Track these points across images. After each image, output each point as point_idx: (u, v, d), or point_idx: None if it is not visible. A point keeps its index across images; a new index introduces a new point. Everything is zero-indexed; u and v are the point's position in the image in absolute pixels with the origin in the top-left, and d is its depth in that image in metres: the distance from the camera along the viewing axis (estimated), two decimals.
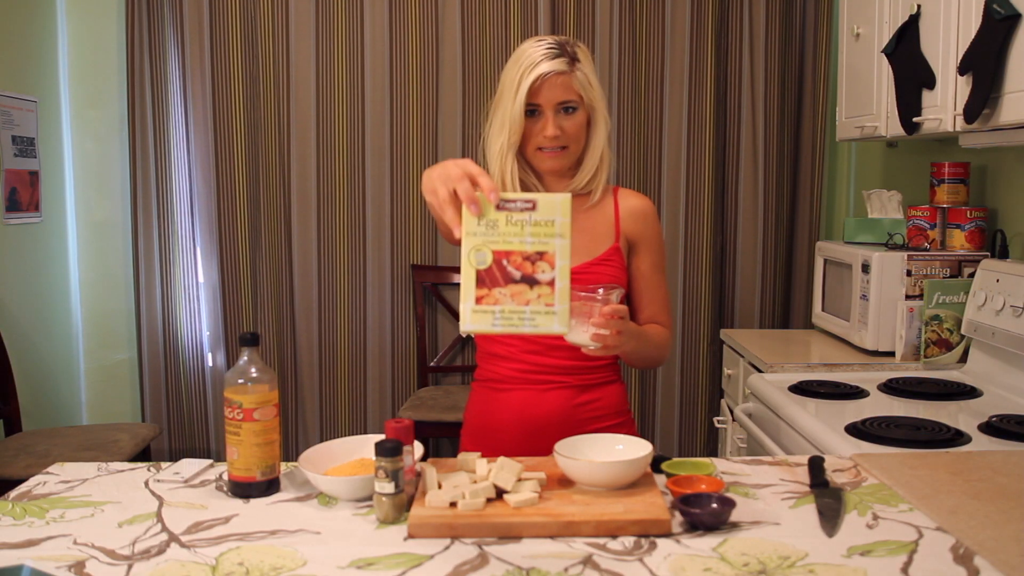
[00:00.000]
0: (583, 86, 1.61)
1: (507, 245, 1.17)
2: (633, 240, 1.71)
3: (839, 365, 2.49)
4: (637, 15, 3.46)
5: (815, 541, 1.19)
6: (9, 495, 1.40)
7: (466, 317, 1.19)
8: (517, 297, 1.16)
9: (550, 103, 1.59)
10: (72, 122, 3.60)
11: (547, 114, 1.60)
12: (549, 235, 1.17)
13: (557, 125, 1.60)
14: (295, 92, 3.48)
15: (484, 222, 1.18)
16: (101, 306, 3.66)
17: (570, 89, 1.60)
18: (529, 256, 1.17)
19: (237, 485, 1.38)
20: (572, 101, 1.61)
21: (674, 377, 3.61)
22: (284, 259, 3.55)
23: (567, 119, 1.61)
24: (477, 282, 1.19)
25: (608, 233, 1.70)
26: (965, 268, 2.47)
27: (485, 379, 1.73)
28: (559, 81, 1.58)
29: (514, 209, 1.17)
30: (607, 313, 1.43)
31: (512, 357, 1.68)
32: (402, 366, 3.61)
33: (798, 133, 3.56)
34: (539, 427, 1.65)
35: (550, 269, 1.17)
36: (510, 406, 1.68)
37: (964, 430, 1.81)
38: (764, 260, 3.56)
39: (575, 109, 1.61)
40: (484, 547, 1.18)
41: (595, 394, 1.69)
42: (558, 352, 1.65)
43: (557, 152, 1.63)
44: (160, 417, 3.58)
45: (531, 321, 1.17)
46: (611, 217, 1.71)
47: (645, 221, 1.73)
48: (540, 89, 1.58)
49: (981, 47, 1.98)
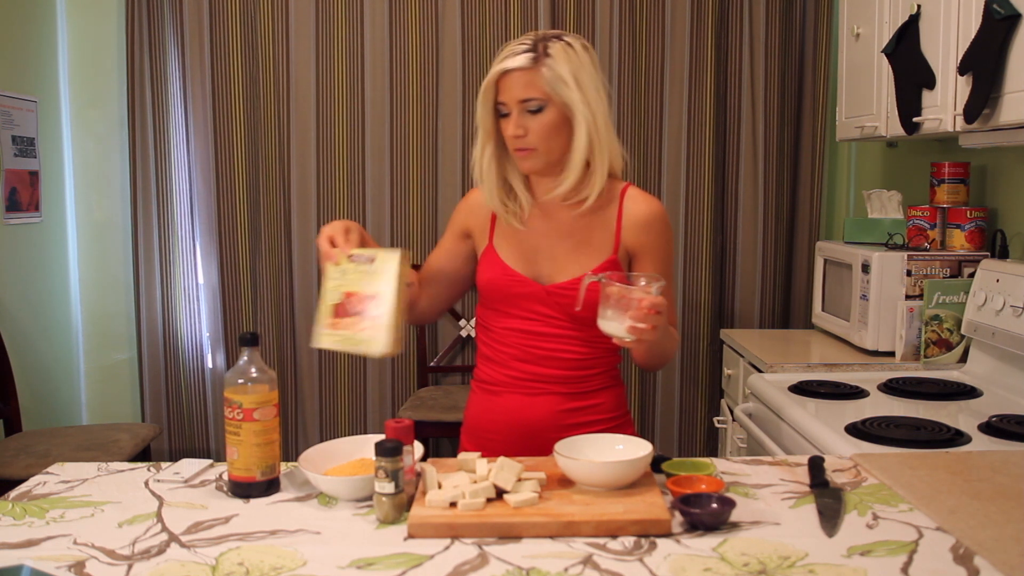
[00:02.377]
0: (550, 84, 1.52)
1: (353, 287, 1.50)
2: (635, 250, 1.65)
3: (839, 365, 2.49)
4: (637, 15, 3.46)
5: (815, 541, 1.19)
6: (9, 495, 1.40)
7: (318, 336, 1.50)
8: (354, 326, 1.48)
9: (513, 101, 1.54)
10: (72, 122, 3.60)
11: (512, 113, 1.55)
12: (380, 282, 1.49)
13: (520, 124, 1.54)
14: (295, 92, 3.48)
15: (340, 270, 1.51)
16: (101, 306, 3.66)
17: (532, 87, 1.52)
18: (366, 297, 1.48)
19: (237, 485, 1.38)
20: (535, 99, 1.53)
21: (674, 377, 3.61)
22: (284, 259, 3.55)
23: (532, 119, 1.54)
24: (332, 313, 1.50)
25: (606, 244, 1.63)
26: (965, 268, 2.47)
27: (481, 380, 1.73)
28: (521, 78, 1.53)
29: (360, 261, 1.51)
30: (647, 308, 1.39)
31: (504, 363, 1.67)
32: (402, 366, 3.61)
33: (798, 133, 3.56)
34: (530, 430, 1.64)
35: (379, 307, 1.47)
36: (503, 409, 1.67)
37: (964, 430, 1.81)
38: (764, 260, 3.56)
39: (541, 108, 1.54)
40: (484, 547, 1.18)
41: (587, 401, 1.67)
42: (548, 362, 1.64)
43: (525, 153, 1.56)
44: (160, 417, 3.58)
45: (362, 345, 1.47)
46: (612, 226, 1.64)
47: (649, 230, 1.64)
48: (503, 87, 1.55)
49: (981, 47, 1.98)
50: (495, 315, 1.69)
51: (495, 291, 1.66)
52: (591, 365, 1.66)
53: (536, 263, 1.65)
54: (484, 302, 1.71)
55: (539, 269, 1.65)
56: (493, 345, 1.69)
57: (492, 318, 1.70)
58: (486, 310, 1.71)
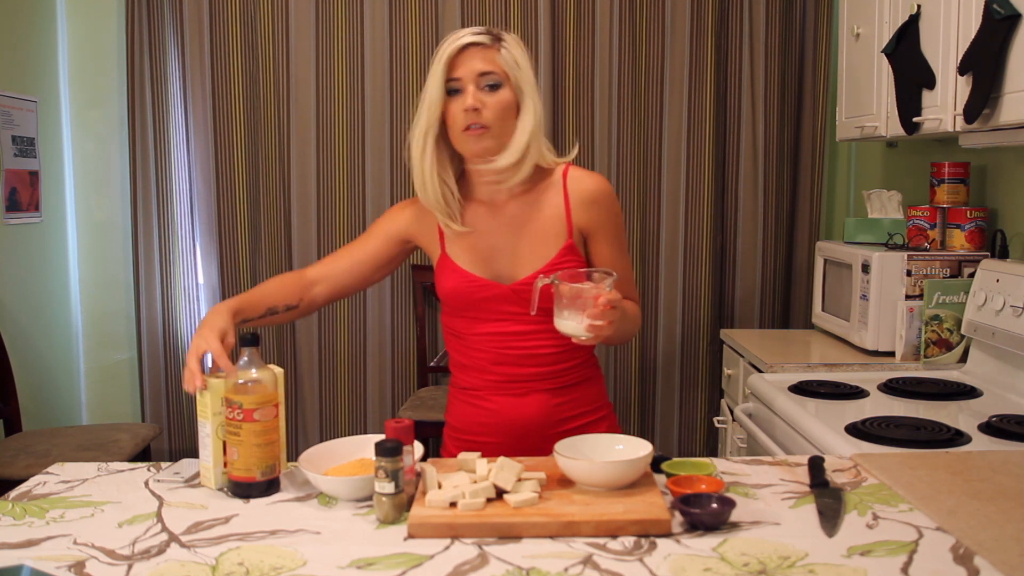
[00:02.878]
0: (508, 64, 1.54)
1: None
2: (588, 229, 1.63)
3: (839, 365, 2.49)
4: (637, 15, 3.46)
5: (815, 541, 1.19)
6: (9, 495, 1.40)
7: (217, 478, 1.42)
8: None
9: (471, 75, 1.53)
10: (72, 122, 3.60)
11: (468, 87, 1.53)
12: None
13: (478, 99, 1.52)
14: (295, 92, 3.48)
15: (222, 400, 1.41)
16: (101, 306, 3.66)
17: (493, 62, 1.53)
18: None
19: (237, 485, 1.38)
20: (494, 74, 1.53)
21: (674, 377, 3.61)
22: (284, 259, 3.55)
23: (490, 95, 1.53)
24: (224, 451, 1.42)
25: (559, 231, 1.61)
26: (965, 268, 2.47)
27: (462, 387, 1.70)
28: (481, 53, 1.53)
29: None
30: (603, 305, 1.40)
31: (484, 369, 1.65)
32: (402, 366, 3.61)
33: (798, 133, 3.56)
34: (522, 430, 1.63)
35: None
36: (490, 411, 1.65)
37: (964, 430, 1.81)
38: (764, 260, 3.56)
39: (499, 86, 1.54)
40: (484, 547, 1.18)
41: (573, 393, 1.66)
42: (526, 360, 1.62)
43: (478, 131, 1.53)
44: (160, 417, 3.58)
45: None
46: (561, 210, 1.61)
47: (599, 207, 1.62)
48: (460, 62, 1.53)
49: (981, 47, 1.98)
50: (464, 322, 1.65)
51: (460, 299, 1.63)
52: (571, 356, 1.65)
53: (494, 263, 1.62)
54: (449, 311, 1.68)
55: (498, 269, 1.62)
56: (467, 352, 1.66)
57: (461, 325, 1.66)
58: (453, 319, 1.68)
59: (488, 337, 1.63)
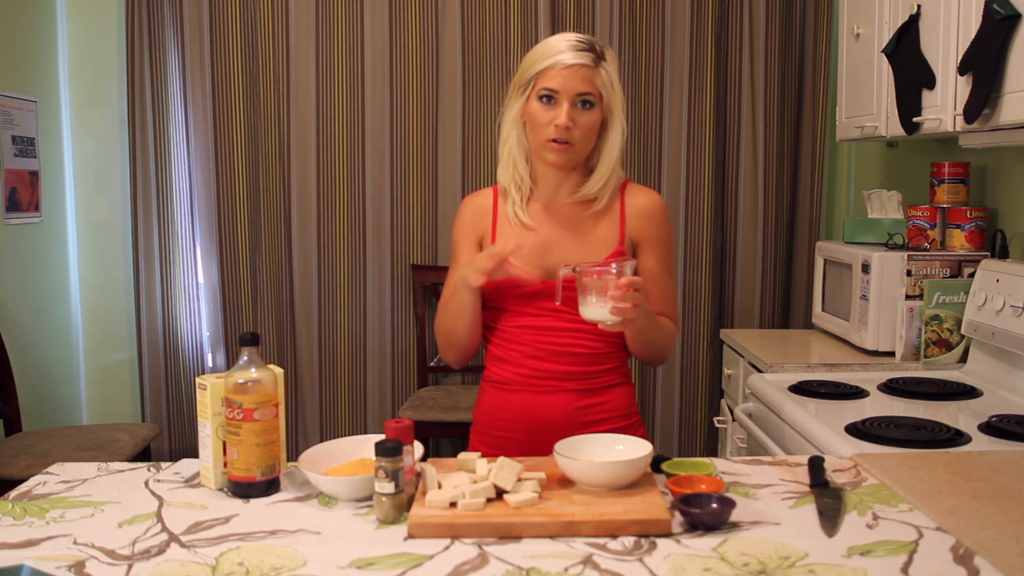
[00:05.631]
0: (604, 86, 1.59)
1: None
2: (638, 240, 1.69)
3: (839, 365, 2.49)
4: (637, 15, 3.46)
5: (815, 541, 1.19)
6: (9, 495, 1.40)
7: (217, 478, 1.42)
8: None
9: (568, 92, 1.57)
10: (72, 122, 3.60)
11: (563, 103, 1.57)
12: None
13: (571, 116, 1.57)
14: (295, 92, 3.48)
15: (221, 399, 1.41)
16: (101, 306, 3.66)
17: (591, 83, 1.57)
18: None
19: (237, 485, 1.38)
20: (591, 95, 1.58)
21: (674, 377, 3.61)
22: (284, 259, 3.55)
23: (582, 114, 1.58)
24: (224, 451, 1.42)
25: (612, 237, 1.67)
26: (965, 268, 2.47)
27: (492, 379, 1.73)
28: (583, 73, 1.56)
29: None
30: (624, 285, 1.42)
31: (516, 362, 1.67)
32: (402, 366, 3.61)
33: (798, 133, 3.56)
34: (543, 428, 1.64)
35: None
36: (515, 407, 1.67)
37: (964, 430, 1.81)
38: (764, 260, 3.56)
39: (592, 105, 1.59)
40: (484, 547, 1.18)
41: (600, 397, 1.68)
42: (561, 358, 1.65)
43: (563, 146, 1.58)
44: (160, 417, 3.58)
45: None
46: (616, 219, 1.68)
47: (651, 220, 1.69)
48: (561, 76, 1.56)
49: (981, 47, 1.98)
50: (505, 315, 1.69)
51: (506, 291, 1.66)
52: (603, 360, 1.67)
53: (545, 259, 1.65)
54: (491, 303, 1.71)
55: (547, 266, 1.65)
56: (504, 344, 1.69)
57: (501, 317, 1.69)
58: (493, 311, 1.71)
59: (527, 330, 1.66)
